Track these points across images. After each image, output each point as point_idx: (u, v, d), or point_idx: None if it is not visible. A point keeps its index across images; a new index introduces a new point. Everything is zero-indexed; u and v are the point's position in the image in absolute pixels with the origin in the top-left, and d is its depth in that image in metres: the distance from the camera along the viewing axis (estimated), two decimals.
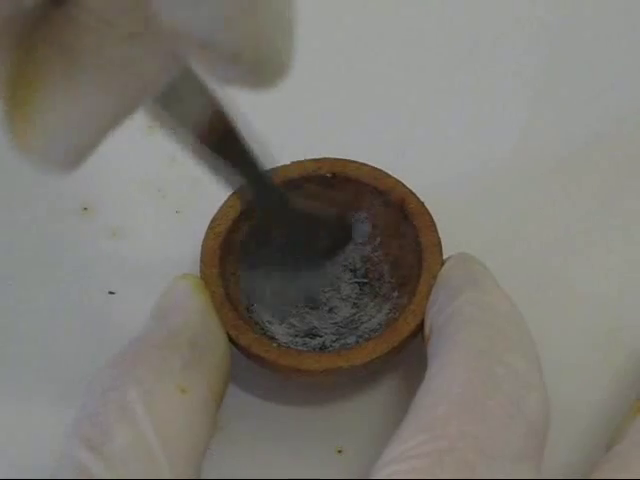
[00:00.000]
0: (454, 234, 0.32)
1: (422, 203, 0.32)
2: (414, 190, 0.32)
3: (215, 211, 0.32)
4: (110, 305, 0.34)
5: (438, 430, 0.25)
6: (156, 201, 0.36)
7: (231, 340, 0.30)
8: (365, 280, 0.33)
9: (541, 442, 0.26)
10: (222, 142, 0.28)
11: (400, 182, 0.33)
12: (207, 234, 0.32)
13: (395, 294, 0.32)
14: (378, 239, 0.33)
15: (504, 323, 0.28)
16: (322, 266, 0.33)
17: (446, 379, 0.27)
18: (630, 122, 0.37)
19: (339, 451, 0.31)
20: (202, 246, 0.32)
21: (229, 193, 0.32)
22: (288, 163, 0.33)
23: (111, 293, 0.34)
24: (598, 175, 0.36)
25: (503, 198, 0.36)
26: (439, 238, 0.31)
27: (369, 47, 0.39)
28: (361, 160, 0.33)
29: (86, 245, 0.35)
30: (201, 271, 0.31)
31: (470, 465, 0.25)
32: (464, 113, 0.38)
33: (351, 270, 0.33)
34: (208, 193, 0.36)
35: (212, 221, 0.32)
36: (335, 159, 0.33)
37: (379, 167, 0.33)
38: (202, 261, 0.31)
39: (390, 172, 0.33)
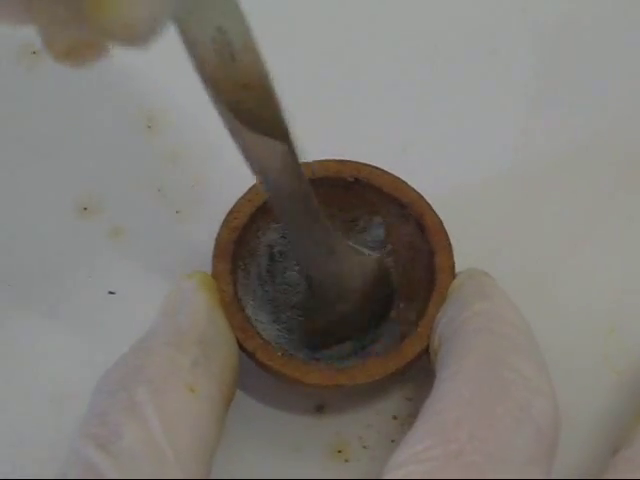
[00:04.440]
0: (453, 235, 0.32)
1: (440, 221, 0.32)
2: None
3: (214, 211, 0.32)
4: (110, 305, 0.34)
5: (448, 434, 0.25)
6: (156, 201, 0.36)
7: (237, 343, 0.30)
8: None
9: (551, 447, 0.26)
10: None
11: (421, 196, 0.32)
12: (222, 228, 0.31)
13: (401, 305, 0.32)
14: (390, 246, 0.33)
15: (512, 331, 0.28)
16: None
17: (456, 385, 0.27)
18: (629, 122, 0.37)
19: (339, 451, 0.31)
20: (216, 240, 0.31)
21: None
22: (310, 162, 0.32)
23: (111, 293, 0.34)
24: (598, 176, 0.36)
25: (502, 199, 0.36)
26: (453, 260, 0.31)
27: (370, 47, 0.39)
28: (360, 160, 0.33)
29: (86, 245, 0.35)
30: (213, 265, 0.31)
31: (478, 469, 0.25)
32: (463, 115, 0.38)
33: None
34: (208, 193, 0.36)
35: (228, 214, 0.32)
36: (358, 163, 0.32)
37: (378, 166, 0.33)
38: (215, 255, 0.31)
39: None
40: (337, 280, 0.31)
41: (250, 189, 0.32)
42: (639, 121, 0.37)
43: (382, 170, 0.32)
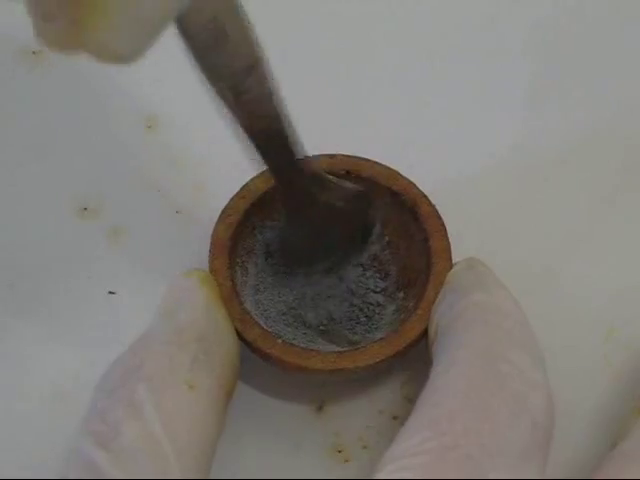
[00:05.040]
0: (453, 233, 0.32)
1: (434, 206, 0.32)
2: None
3: (214, 211, 0.32)
4: (110, 305, 0.34)
5: (442, 427, 0.25)
6: (156, 201, 0.36)
7: (237, 334, 0.30)
8: (374, 276, 0.33)
9: (546, 440, 0.26)
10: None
11: (413, 184, 0.32)
12: (217, 225, 0.31)
13: (401, 295, 0.32)
14: (387, 238, 0.33)
15: (509, 323, 0.28)
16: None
17: (451, 377, 0.27)
18: (629, 121, 0.37)
19: (339, 451, 0.31)
20: (212, 236, 0.31)
21: (237, 188, 0.32)
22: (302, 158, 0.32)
23: (111, 293, 0.34)
24: (598, 174, 0.36)
25: (502, 197, 0.36)
26: (449, 243, 0.31)
27: (371, 46, 0.39)
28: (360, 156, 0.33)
29: (86, 245, 0.35)
30: (210, 262, 0.31)
31: (473, 461, 0.25)
32: (463, 112, 0.38)
33: (360, 265, 0.33)
34: (208, 193, 0.36)
35: (223, 211, 0.32)
36: (349, 156, 0.33)
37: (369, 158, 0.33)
38: (211, 252, 0.31)
39: None
40: (310, 197, 0.31)
41: (243, 187, 0.32)
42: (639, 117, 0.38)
43: (372, 161, 0.33)
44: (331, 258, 0.33)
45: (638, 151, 0.37)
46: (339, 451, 0.31)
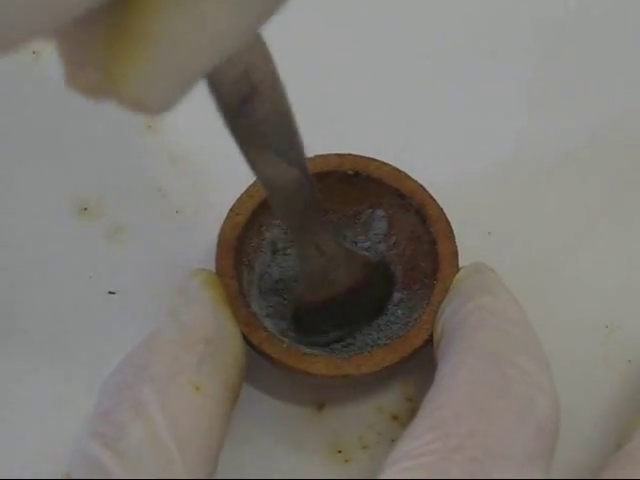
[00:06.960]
0: (455, 229, 0.32)
1: (441, 209, 0.32)
2: None
3: (214, 211, 0.32)
4: (110, 305, 0.34)
5: (448, 428, 0.25)
6: (156, 201, 0.36)
7: (242, 336, 0.30)
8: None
9: (551, 443, 0.27)
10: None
11: (421, 186, 0.32)
12: (225, 224, 0.31)
13: (405, 297, 0.32)
14: (394, 238, 0.33)
15: (514, 327, 0.28)
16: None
17: (457, 379, 0.27)
18: (630, 121, 0.37)
19: (339, 451, 0.31)
20: (219, 236, 0.31)
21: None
22: (312, 156, 0.32)
23: (111, 293, 0.34)
24: (598, 174, 0.36)
25: (502, 197, 0.36)
26: (456, 248, 0.31)
27: (372, 46, 0.39)
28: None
29: (86, 245, 0.35)
30: (216, 262, 0.31)
31: (478, 463, 0.25)
32: (465, 113, 0.38)
33: None
34: (208, 193, 0.36)
35: (230, 210, 0.32)
36: (358, 156, 0.33)
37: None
38: (218, 251, 0.31)
39: None
40: (324, 272, 0.31)
41: (251, 185, 0.32)
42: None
43: (381, 162, 0.33)
44: (345, 329, 0.32)
45: (638, 152, 0.37)
46: (339, 451, 0.31)
